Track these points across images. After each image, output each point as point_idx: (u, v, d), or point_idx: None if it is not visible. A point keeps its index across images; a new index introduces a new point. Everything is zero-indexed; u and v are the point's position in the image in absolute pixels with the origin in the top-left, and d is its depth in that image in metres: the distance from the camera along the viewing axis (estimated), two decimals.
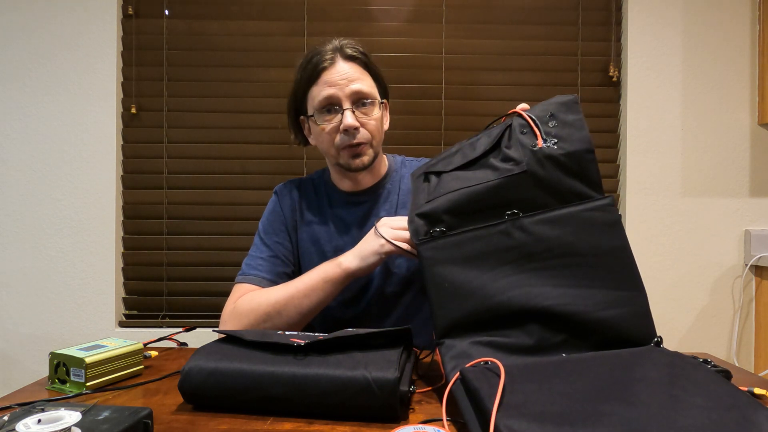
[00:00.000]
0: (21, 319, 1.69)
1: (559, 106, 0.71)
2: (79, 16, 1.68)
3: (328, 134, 0.93)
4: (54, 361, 0.69)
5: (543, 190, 0.68)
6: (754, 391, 0.65)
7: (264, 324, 0.87)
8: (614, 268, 0.66)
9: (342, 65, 0.91)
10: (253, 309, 0.89)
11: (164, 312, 1.73)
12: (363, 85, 0.92)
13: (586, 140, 0.68)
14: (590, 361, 0.57)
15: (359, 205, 1.01)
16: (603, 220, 0.67)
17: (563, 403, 0.49)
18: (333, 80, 0.90)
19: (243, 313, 0.89)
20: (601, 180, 0.69)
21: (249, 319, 0.88)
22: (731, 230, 1.71)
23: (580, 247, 0.66)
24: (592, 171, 0.68)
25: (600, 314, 0.63)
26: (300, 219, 1.03)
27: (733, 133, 1.71)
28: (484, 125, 0.88)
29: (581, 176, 0.68)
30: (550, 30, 1.74)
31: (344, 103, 0.91)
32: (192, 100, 1.72)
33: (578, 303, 0.64)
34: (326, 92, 0.90)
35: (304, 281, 0.87)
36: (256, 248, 1.02)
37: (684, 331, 1.71)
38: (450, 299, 0.66)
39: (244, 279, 0.98)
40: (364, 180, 1.01)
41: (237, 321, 0.89)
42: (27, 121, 1.68)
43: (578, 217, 0.67)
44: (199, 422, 0.57)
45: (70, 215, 1.69)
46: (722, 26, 1.71)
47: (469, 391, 0.53)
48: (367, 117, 0.93)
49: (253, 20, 1.73)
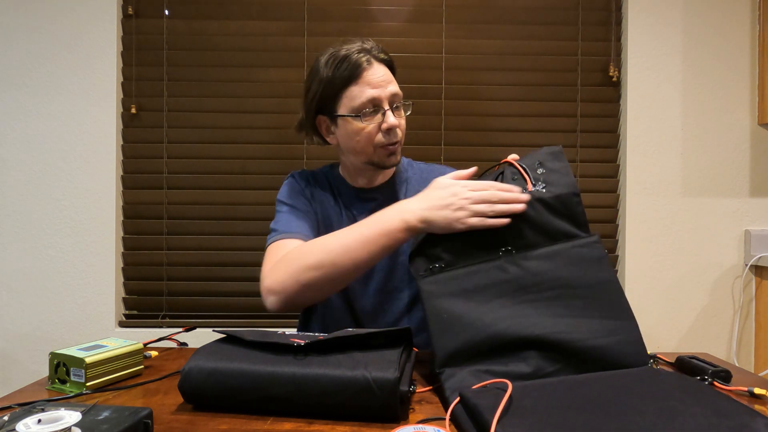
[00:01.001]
0: (21, 319, 1.69)
1: (546, 156, 0.78)
2: (79, 17, 1.68)
3: (368, 133, 0.93)
4: (54, 361, 0.69)
5: (534, 229, 0.73)
6: (754, 391, 0.65)
7: (314, 272, 0.81)
8: (604, 299, 0.69)
9: (378, 68, 0.94)
10: (305, 255, 0.84)
11: (164, 312, 1.73)
12: (397, 88, 0.95)
13: (572, 185, 0.74)
14: (590, 379, 0.59)
15: (369, 201, 1.03)
16: (591, 256, 0.71)
17: (563, 414, 0.50)
18: (375, 81, 0.92)
19: (292, 259, 0.84)
20: (587, 221, 0.75)
21: (299, 265, 0.83)
22: (731, 230, 1.71)
23: (570, 280, 0.70)
24: (579, 212, 0.74)
25: (594, 342, 0.66)
26: (314, 198, 1.05)
27: (733, 133, 1.71)
28: (484, 125, 0.92)
29: (569, 217, 0.74)
30: (550, 30, 1.74)
31: (384, 104, 0.93)
32: (192, 100, 1.72)
33: (572, 331, 0.66)
34: (370, 93, 0.92)
35: (362, 232, 0.82)
36: (286, 215, 0.99)
37: (684, 331, 1.71)
38: (449, 330, 0.68)
39: (285, 236, 0.93)
40: (377, 178, 1.04)
41: (284, 269, 0.84)
42: (27, 121, 1.68)
43: (567, 253, 0.72)
44: (199, 422, 0.57)
45: (70, 215, 1.69)
46: (722, 26, 1.71)
47: (469, 409, 0.53)
48: (401, 117, 0.97)
49: (253, 20, 1.73)
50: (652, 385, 0.56)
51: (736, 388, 0.66)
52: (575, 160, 1.74)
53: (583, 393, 0.54)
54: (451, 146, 1.72)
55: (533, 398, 0.53)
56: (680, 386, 0.55)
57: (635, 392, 0.54)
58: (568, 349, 0.65)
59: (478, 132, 1.73)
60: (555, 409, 0.51)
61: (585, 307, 0.68)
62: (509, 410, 0.51)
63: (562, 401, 0.52)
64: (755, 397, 0.65)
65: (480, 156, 1.72)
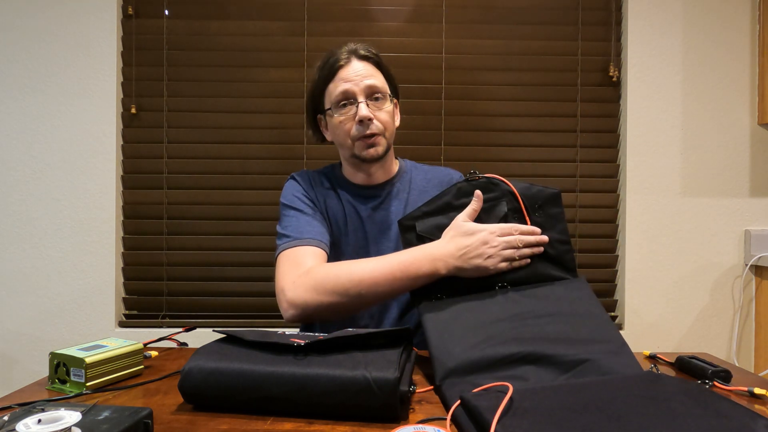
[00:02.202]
0: (21, 319, 1.69)
1: (546, 199, 0.85)
2: (79, 17, 1.68)
3: (344, 125, 0.99)
4: (54, 361, 0.69)
5: (526, 270, 0.82)
6: (754, 391, 0.65)
7: (339, 298, 0.85)
8: (593, 324, 0.73)
9: (356, 64, 1.00)
10: (332, 279, 0.86)
11: (164, 312, 1.73)
12: (376, 81, 0.99)
13: (564, 232, 0.83)
14: (590, 383, 0.59)
15: (371, 199, 1.06)
16: (579, 295, 0.78)
17: (563, 415, 0.50)
18: (348, 77, 0.98)
19: (319, 280, 0.86)
20: (576, 266, 0.83)
21: (325, 288, 0.85)
22: (731, 230, 1.71)
23: (561, 310, 0.75)
24: (568, 259, 0.83)
25: (587, 356, 0.67)
26: (318, 198, 1.06)
27: (733, 133, 1.71)
28: (484, 125, 0.96)
29: (559, 263, 0.82)
30: (550, 30, 1.74)
31: (359, 97, 0.97)
32: (192, 100, 1.72)
33: (566, 347, 0.69)
34: (342, 87, 0.98)
35: (392, 271, 0.84)
36: (295, 219, 1.01)
37: (684, 331, 1.71)
38: (449, 346, 0.71)
39: (299, 243, 0.95)
40: (376, 174, 1.06)
41: (310, 287, 0.86)
42: (27, 121, 1.68)
43: (557, 292, 0.78)
44: (199, 422, 0.57)
45: (70, 215, 1.69)
46: (722, 26, 1.71)
47: (469, 410, 0.54)
48: (380, 109, 0.99)
49: (253, 20, 1.73)
50: (653, 388, 0.56)
51: (736, 388, 0.66)
52: (575, 160, 1.74)
53: (583, 395, 0.54)
54: (451, 146, 1.72)
55: (534, 400, 0.53)
56: (681, 389, 0.56)
57: (636, 395, 0.54)
58: (563, 363, 0.67)
59: (478, 132, 1.73)
60: (555, 410, 0.51)
61: (576, 328, 0.72)
62: (509, 411, 0.51)
63: (563, 403, 0.52)
64: (755, 397, 0.65)
65: (480, 156, 1.72)
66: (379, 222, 1.05)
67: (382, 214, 1.05)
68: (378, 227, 1.04)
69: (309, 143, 1.72)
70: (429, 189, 1.08)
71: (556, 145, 1.74)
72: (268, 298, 1.71)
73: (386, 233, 1.04)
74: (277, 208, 1.73)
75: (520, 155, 1.73)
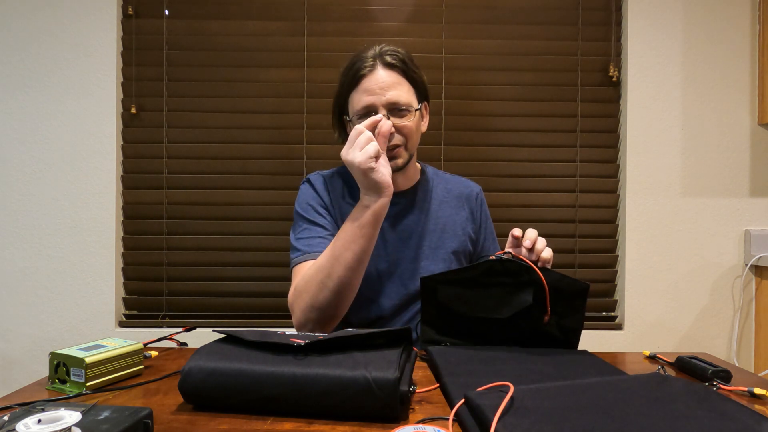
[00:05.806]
0: (21, 319, 1.69)
1: (575, 293, 0.84)
2: (79, 17, 1.68)
3: None
4: (54, 361, 0.69)
5: (534, 339, 0.86)
6: (754, 391, 0.65)
7: (324, 292, 0.89)
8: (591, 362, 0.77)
9: (380, 73, 0.97)
10: (308, 282, 0.91)
11: (164, 312, 1.73)
12: (399, 93, 0.97)
13: (580, 322, 0.85)
14: (593, 383, 0.59)
15: (391, 206, 1.03)
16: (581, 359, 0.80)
17: (565, 414, 0.49)
18: (371, 88, 0.96)
19: (303, 290, 0.91)
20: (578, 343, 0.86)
21: (308, 293, 0.90)
22: (731, 230, 1.71)
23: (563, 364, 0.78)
24: (574, 344, 0.86)
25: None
26: (333, 203, 1.05)
27: (733, 133, 1.71)
28: (484, 125, 0.96)
29: (566, 343, 0.86)
30: (550, 30, 1.74)
31: (380, 111, 0.96)
32: (192, 100, 1.72)
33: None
34: (365, 100, 0.96)
35: (341, 236, 0.90)
36: (306, 229, 1.02)
37: (684, 331, 1.71)
38: (450, 357, 0.77)
39: (304, 258, 0.98)
40: (397, 182, 1.03)
41: (300, 301, 0.91)
42: (27, 121, 1.68)
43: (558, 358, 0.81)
44: (199, 422, 0.57)
45: (70, 215, 1.69)
46: (722, 26, 1.71)
47: (473, 409, 0.54)
48: (402, 122, 0.98)
49: (253, 20, 1.73)
50: (657, 389, 0.56)
51: (736, 388, 0.66)
52: (575, 160, 1.74)
53: (586, 395, 0.54)
54: (451, 146, 1.72)
55: (536, 399, 0.53)
56: (686, 391, 0.55)
57: (639, 395, 0.54)
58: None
59: (478, 132, 1.73)
60: (557, 410, 0.51)
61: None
62: (511, 410, 0.51)
63: (565, 403, 0.52)
64: (755, 397, 0.65)
65: (480, 156, 1.72)
66: (399, 231, 1.04)
67: (402, 223, 1.05)
68: (398, 235, 1.04)
69: (309, 143, 1.72)
70: (449, 200, 1.10)
71: (556, 145, 1.74)
72: (268, 298, 1.71)
73: (407, 242, 1.04)
74: (277, 207, 1.74)
75: (520, 155, 1.73)
